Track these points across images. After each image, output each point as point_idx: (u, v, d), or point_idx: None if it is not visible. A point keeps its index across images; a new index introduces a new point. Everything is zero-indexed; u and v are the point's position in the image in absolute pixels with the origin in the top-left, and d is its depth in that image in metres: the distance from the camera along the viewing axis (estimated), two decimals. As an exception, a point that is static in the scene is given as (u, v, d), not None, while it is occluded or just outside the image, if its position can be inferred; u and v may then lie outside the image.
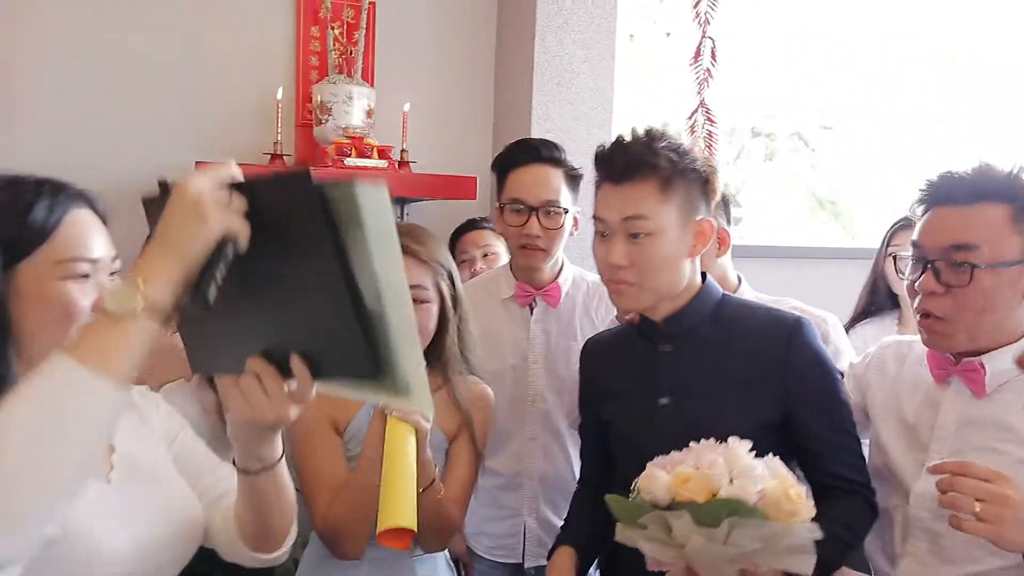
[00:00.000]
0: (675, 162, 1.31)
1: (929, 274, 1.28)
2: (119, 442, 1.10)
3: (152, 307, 0.80)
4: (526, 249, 1.84)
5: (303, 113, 2.37)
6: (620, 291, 1.36)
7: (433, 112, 2.53)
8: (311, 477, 1.49)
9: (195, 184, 0.81)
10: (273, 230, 0.83)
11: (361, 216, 0.77)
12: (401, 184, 2.10)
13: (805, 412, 1.34)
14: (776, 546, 1.09)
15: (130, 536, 1.01)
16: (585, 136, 2.44)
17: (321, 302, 0.82)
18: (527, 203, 1.81)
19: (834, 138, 4.26)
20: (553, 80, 2.40)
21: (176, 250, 0.81)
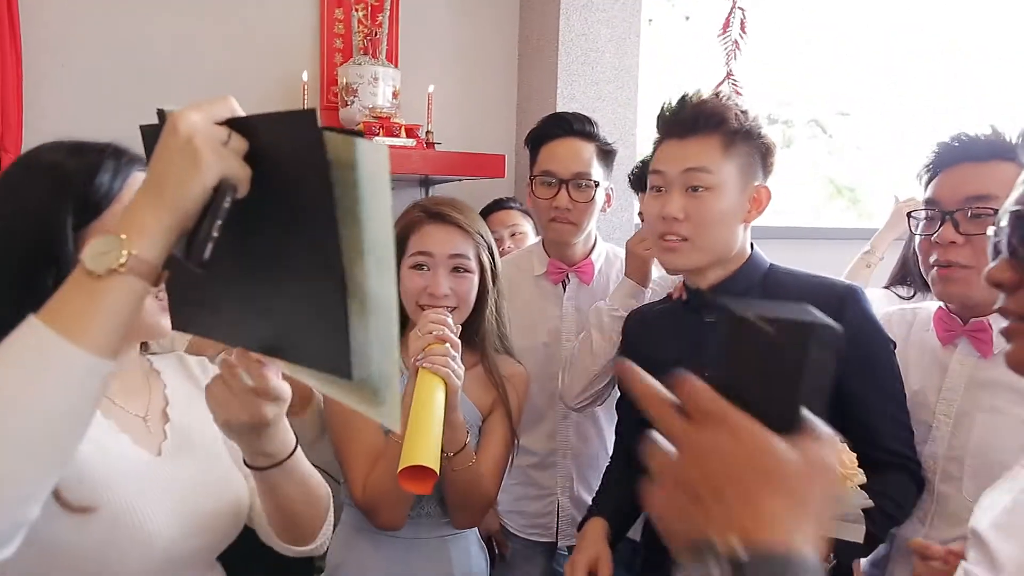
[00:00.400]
0: (742, 122, 1.31)
1: (948, 225, 1.31)
2: (174, 412, 1.09)
3: (138, 264, 0.69)
4: (556, 222, 1.82)
5: (328, 95, 2.37)
6: (672, 247, 1.34)
7: (457, 93, 2.52)
8: (348, 448, 1.49)
9: (187, 120, 0.69)
10: (274, 177, 0.72)
11: (357, 174, 0.67)
12: (429, 163, 2.09)
13: (857, 381, 1.31)
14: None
15: (175, 511, 0.99)
16: (611, 116, 2.43)
17: (313, 276, 0.73)
18: (557, 175, 1.80)
19: (852, 124, 4.24)
20: (579, 60, 2.39)
21: (167, 198, 0.69)
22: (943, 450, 1.37)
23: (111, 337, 0.70)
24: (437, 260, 1.45)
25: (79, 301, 0.69)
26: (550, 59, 2.41)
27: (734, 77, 1.98)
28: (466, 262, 1.47)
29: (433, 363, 1.29)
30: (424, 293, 1.44)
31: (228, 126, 0.72)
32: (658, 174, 1.36)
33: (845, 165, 4.30)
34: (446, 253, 1.46)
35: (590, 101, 2.41)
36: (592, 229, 1.90)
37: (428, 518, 1.53)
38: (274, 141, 0.71)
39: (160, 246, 0.70)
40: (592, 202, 1.82)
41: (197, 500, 1.03)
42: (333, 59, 2.37)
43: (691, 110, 1.33)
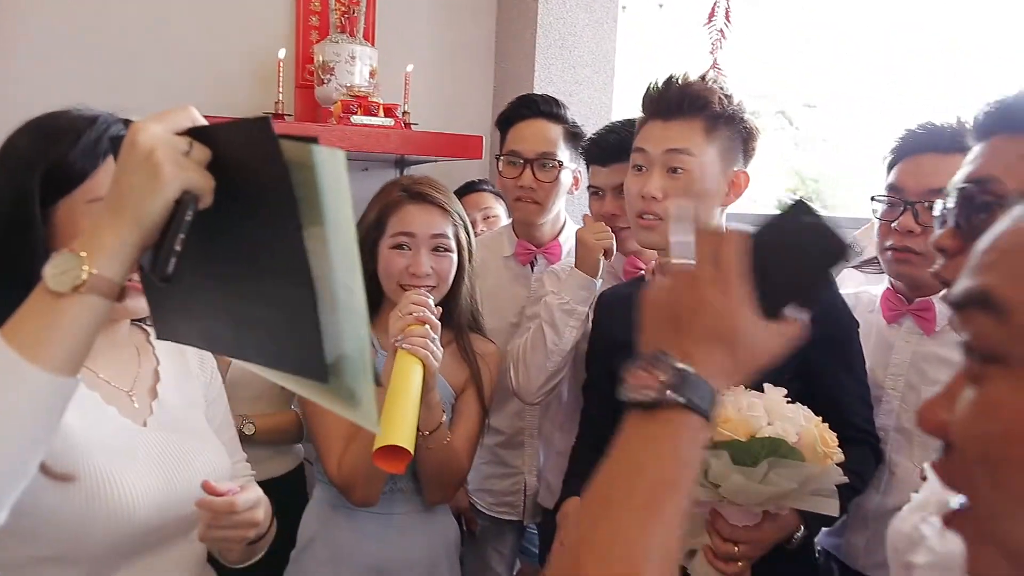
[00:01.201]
0: (725, 106, 1.34)
1: (908, 214, 1.38)
2: (163, 389, 1.10)
3: (99, 283, 0.69)
4: (520, 202, 1.85)
5: (303, 73, 2.35)
6: (650, 225, 1.38)
7: (435, 73, 2.52)
8: (322, 427, 1.50)
9: (146, 133, 0.68)
10: (237, 184, 0.71)
11: (317, 179, 0.66)
12: (407, 143, 2.10)
13: (824, 360, 1.35)
14: (807, 487, 1.12)
15: (156, 483, 1.00)
16: (587, 100, 2.45)
17: (282, 281, 0.72)
18: (522, 155, 1.83)
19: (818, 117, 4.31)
20: (556, 43, 2.40)
21: (128, 215, 0.68)
22: (893, 422, 1.46)
23: (72, 355, 0.70)
24: (419, 240, 1.47)
25: (39, 319, 0.69)
26: (527, 42, 2.42)
27: (719, 67, 2.01)
28: (446, 241, 1.49)
29: (413, 344, 1.31)
30: (405, 273, 1.46)
31: (189, 136, 0.71)
32: (640, 153, 1.39)
33: (811, 157, 4.37)
34: (428, 233, 1.47)
35: (567, 85, 2.43)
36: (560, 211, 1.93)
37: (402, 494, 1.56)
38: (234, 149, 0.71)
39: (121, 263, 0.70)
40: (556, 182, 1.84)
41: (179, 473, 1.04)
42: (309, 37, 2.35)
43: (676, 92, 1.35)
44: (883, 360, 1.49)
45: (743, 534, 1.19)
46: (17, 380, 0.68)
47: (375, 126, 2.06)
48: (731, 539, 1.20)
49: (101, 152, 0.96)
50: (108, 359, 1.06)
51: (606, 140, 1.72)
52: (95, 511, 0.93)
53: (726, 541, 1.20)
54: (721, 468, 1.11)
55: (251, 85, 2.27)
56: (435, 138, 2.15)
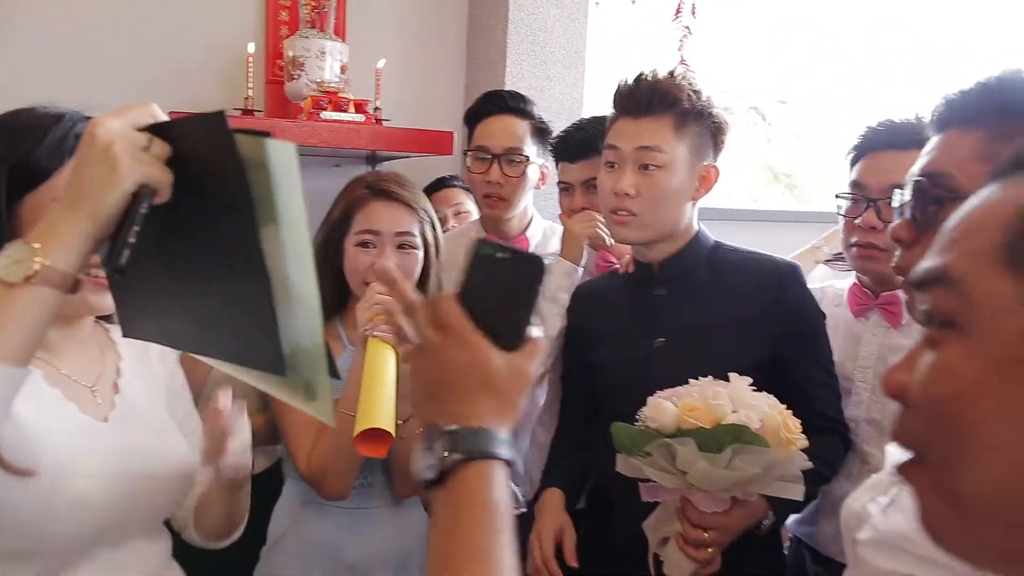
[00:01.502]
0: (694, 102, 1.37)
1: (871, 211, 1.41)
2: (124, 384, 1.10)
3: (51, 274, 0.69)
4: (488, 198, 1.86)
5: (273, 69, 2.34)
6: (623, 221, 1.40)
7: (406, 69, 2.51)
8: (291, 421, 1.50)
9: (105, 127, 0.69)
10: (193, 179, 0.72)
11: (270, 172, 0.68)
12: (378, 139, 2.09)
13: (794, 353, 1.41)
14: (773, 472, 1.16)
15: (116, 477, 1.01)
16: (558, 96, 2.46)
17: (239, 276, 0.73)
18: (490, 150, 1.84)
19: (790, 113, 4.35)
20: (527, 39, 2.41)
21: (84, 207, 0.69)
22: (863, 414, 1.49)
23: (22, 345, 0.70)
24: (384, 238, 1.47)
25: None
26: (499, 38, 2.42)
27: (687, 62, 2.03)
28: (412, 239, 1.49)
29: (384, 332, 1.31)
30: (371, 271, 1.46)
31: (150, 132, 0.72)
32: (612, 150, 1.41)
33: (783, 152, 4.42)
34: (393, 231, 1.47)
35: (538, 80, 2.43)
36: (528, 205, 1.94)
37: (372, 488, 1.56)
38: (192, 144, 0.72)
39: (75, 255, 0.70)
40: (523, 177, 1.85)
41: (141, 467, 1.04)
42: (279, 31, 2.33)
43: (646, 89, 1.38)
44: (851, 353, 1.52)
45: (712, 520, 1.23)
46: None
47: (345, 122, 2.06)
48: (701, 525, 1.23)
49: (67, 150, 0.96)
50: (72, 355, 1.06)
51: (574, 137, 1.75)
52: (54, 505, 0.94)
53: (696, 528, 1.23)
54: (688, 455, 1.14)
55: (220, 81, 2.26)
56: (406, 134, 2.15)
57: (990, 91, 0.83)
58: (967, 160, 0.82)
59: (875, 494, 0.92)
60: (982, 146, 0.81)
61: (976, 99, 0.84)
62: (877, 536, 0.86)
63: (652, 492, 1.27)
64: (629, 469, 1.24)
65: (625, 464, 1.24)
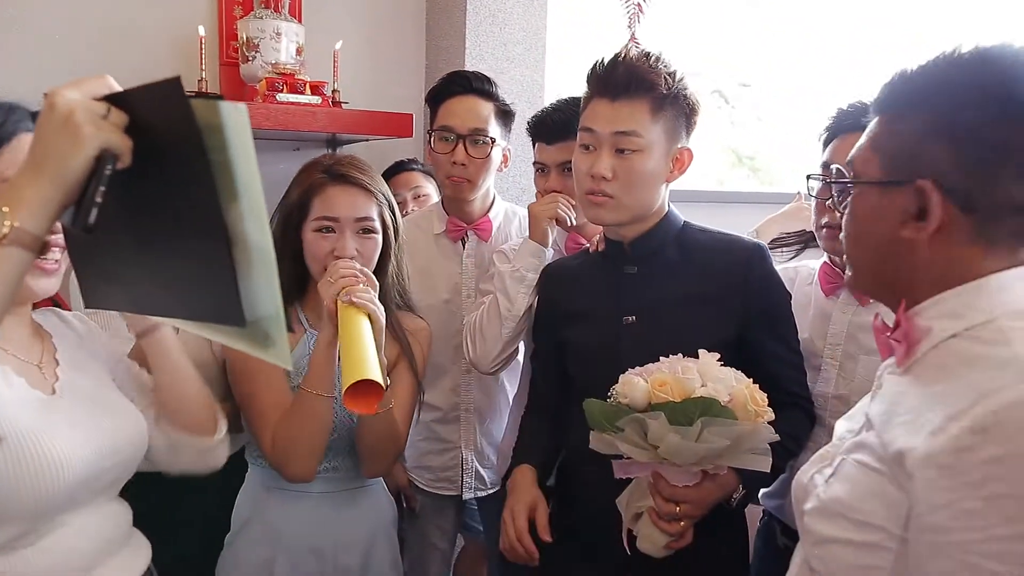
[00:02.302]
0: (671, 86, 1.36)
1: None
2: (62, 358, 1.13)
3: (21, 236, 0.73)
4: (452, 179, 1.85)
5: (228, 51, 2.29)
6: (599, 203, 1.41)
7: (364, 51, 2.48)
8: (254, 404, 1.49)
9: (64, 97, 0.73)
10: (151, 146, 0.76)
11: (225, 135, 0.71)
12: (335, 122, 2.06)
13: (760, 331, 1.43)
14: (741, 445, 1.18)
15: (78, 438, 1.04)
16: (519, 78, 2.45)
17: (197, 234, 0.77)
18: (455, 131, 1.83)
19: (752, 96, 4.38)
20: (487, 20, 2.39)
21: (48, 172, 0.73)
22: (831, 389, 1.52)
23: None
24: (343, 224, 1.46)
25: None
26: (458, 18, 2.40)
27: (637, 41, 2.03)
28: (371, 223, 1.48)
29: (360, 298, 1.31)
30: (331, 256, 1.44)
31: (106, 101, 0.75)
32: (588, 132, 1.41)
33: (746, 135, 4.45)
34: (352, 216, 1.46)
35: (498, 62, 2.42)
36: (490, 187, 1.93)
37: (336, 472, 1.55)
38: (149, 112, 0.75)
39: (43, 218, 0.74)
40: (488, 159, 1.85)
41: (97, 427, 1.08)
42: (232, 12, 2.28)
43: (623, 72, 1.36)
44: (821, 330, 1.55)
45: (683, 494, 1.25)
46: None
47: (301, 104, 2.03)
48: (673, 499, 1.25)
49: (4, 136, 1.00)
50: (17, 336, 1.09)
51: (552, 118, 1.73)
52: (24, 469, 0.96)
53: (668, 502, 1.25)
54: (659, 429, 1.16)
55: (173, 63, 2.21)
56: (364, 116, 2.13)
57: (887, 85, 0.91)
58: (863, 144, 0.93)
59: (822, 466, 0.95)
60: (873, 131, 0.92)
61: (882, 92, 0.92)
62: (820, 505, 0.89)
63: (624, 468, 1.28)
64: (602, 446, 1.25)
65: (598, 441, 1.25)
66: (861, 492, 0.84)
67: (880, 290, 0.95)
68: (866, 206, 0.92)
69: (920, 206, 0.86)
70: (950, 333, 0.85)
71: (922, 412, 0.80)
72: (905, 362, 0.89)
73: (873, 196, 0.90)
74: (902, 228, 0.87)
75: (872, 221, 0.91)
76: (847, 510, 0.84)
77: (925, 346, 0.87)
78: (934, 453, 0.76)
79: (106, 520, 1.12)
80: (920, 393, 0.83)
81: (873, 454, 0.84)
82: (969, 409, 0.75)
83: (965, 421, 0.75)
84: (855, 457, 0.87)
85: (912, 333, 0.88)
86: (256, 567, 1.53)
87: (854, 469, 0.87)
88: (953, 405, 0.77)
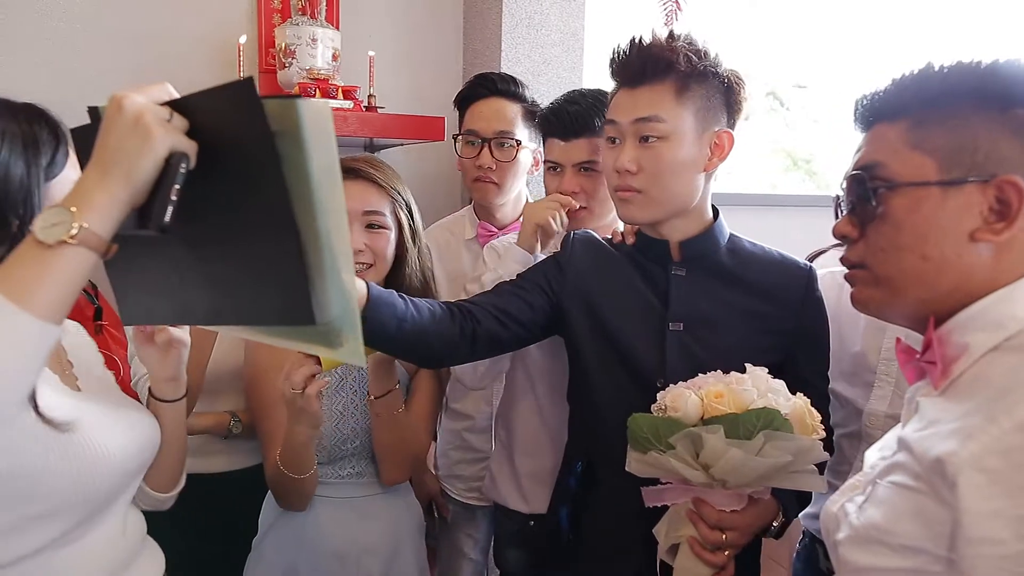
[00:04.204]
0: (694, 64, 1.24)
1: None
2: (73, 359, 1.12)
3: (88, 237, 0.74)
4: (478, 182, 1.81)
5: (266, 58, 2.32)
6: (627, 198, 1.30)
7: (400, 56, 2.48)
8: (264, 423, 1.50)
9: (131, 99, 0.75)
10: (217, 150, 0.76)
11: (302, 134, 0.71)
12: (366, 126, 2.06)
13: (802, 356, 1.34)
14: (801, 461, 1.10)
15: (119, 432, 1.05)
16: (556, 80, 2.40)
17: (265, 236, 0.76)
18: (480, 134, 1.80)
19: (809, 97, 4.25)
20: (523, 22, 2.36)
21: (119, 173, 0.74)
22: (885, 408, 1.42)
23: (58, 304, 0.74)
24: (351, 216, 1.45)
25: (29, 269, 0.73)
26: (493, 21, 2.37)
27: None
28: (381, 218, 1.47)
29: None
30: None
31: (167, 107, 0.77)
32: (611, 124, 1.31)
33: (802, 137, 4.32)
34: (359, 209, 1.45)
35: (535, 65, 2.38)
36: (521, 191, 1.89)
37: (361, 477, 1.55)
38: (214, 115, 0.76)
39: (110, 220, 0.75)
40: (515, 161, 1.80)
41: (127, 419, 1.09)
42: (271, 20, 2.31)
43: (638, 56, 1.26)
44: (875, 344, 1.44)
45: (730, 520, 1.15)
46: (6, 324, 0.71)
47: (335, 109, 2.03)
48: (719, 526, 1.15)
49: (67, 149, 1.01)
50: None
51: (565, 111, 1.55)
52: (84, 459, 0.97)
53: (713, 529, 1.15)
54: (717, 444, 1.07)
55: (213, 71, 2.24)
56: (394, 120, 2.12)
57: (907, 85, 0.88)
58: (897, 148, 0.86)
59: (852, 494, 0.89)
60: (908, 133, 0.86)
61: (896, 94, 0.89)
62: (853, 533, 0.83)
63: (657, 496, 1.20)
64: (643, 467, 1.15)
65: (640, 463, 1.15)
66: (898, 514, 0.78)
67: (922, 308, 0.87)
68: (922, 212, 0.84)
69: (990, 206, 0.80)
70: (990, 346, 0.79)
71: (965, 420, 0.74)
72: (942, 383, 0.82)
73: (932, 199, 0.83)
74: (977, 231, 0.81)
75: (930, 227, 0.83)
76: (884, 535, 0.78)
77: (963, 364, 0.80)
78: (978, 455, 0.70)
79: (130, 523, 1.12)
80: (962, 408, 0.77)
81: (908, 472, 0.78)
82: (1015, 406, 0.69)
83: (1013, 417, 0.69)
84: (889, 479, 0.81)
85: (948, 353, 0.82)
86: (281, 571, 1.53)
87: (889, 491, 0.80)
88: (997, 407, 0.71)
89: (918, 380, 0.89)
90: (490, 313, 1.28)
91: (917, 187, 0.84)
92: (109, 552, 1.05)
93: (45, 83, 2.09)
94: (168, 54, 2.21)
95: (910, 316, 0.89)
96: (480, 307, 1.29)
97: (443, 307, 1.26)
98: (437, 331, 1.21)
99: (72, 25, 2.13)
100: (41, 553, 0.95)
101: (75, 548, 1.00)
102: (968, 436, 0.71)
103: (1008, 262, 0.81)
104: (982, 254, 0.81)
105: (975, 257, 0.81)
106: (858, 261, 0.91)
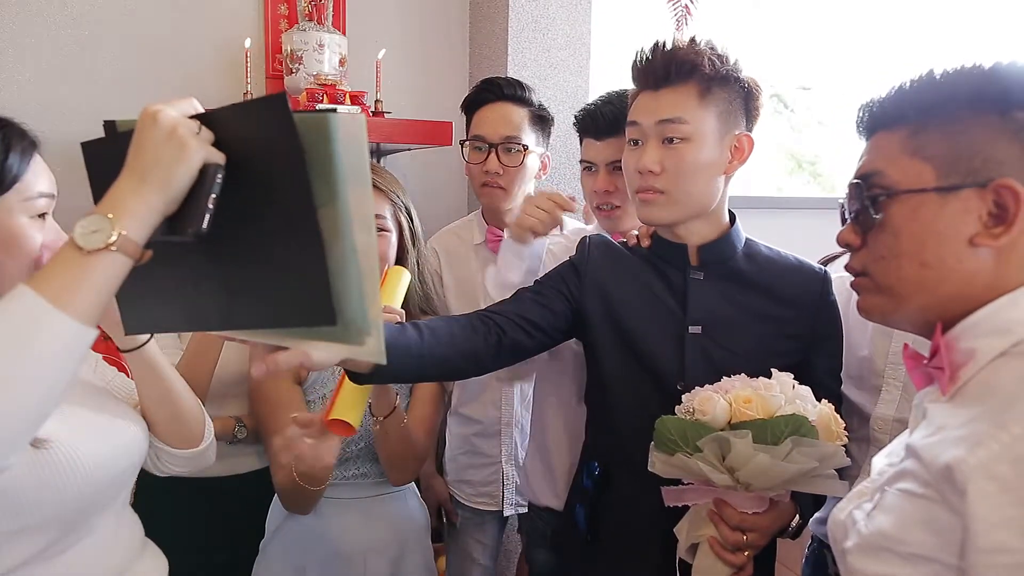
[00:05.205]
0: (717, 67, 1.25)
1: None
2: None
3: (126, 243, 0.77)
4: (486, 187, 1.81)
5: (273, 64, 2.32)
6: (649, 200, 1.29)
7: (408, 61, 2.48)
8: (271, 430, 1.49)
9: (164, 112, 0.78)
10: (243, 161, 0.79)
11: (333, 146, 0.73)
12: (374, 131, 2.06)
13: (817, 361, 1.35)
14: (826, 466, 1.11)
15: (99, 441, 1.05)
16: (563, 84, 2.40)
17: (287, 241, 0.78)
18: (487, 139, 1.79)
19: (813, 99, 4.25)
20: (529, 26, 2.36)
21: (155, 183, 0.77)
22: (893, 412, 1.41)
23: (94, 308, 0.77)
24: None
25: (68, 273, 0.76)
26: (500, 25, 2.37)
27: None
28: (382, 221, 1.49)
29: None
30: None
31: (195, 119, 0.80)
32: (634, 126, 1.31)
33: (807, 139, 4.32)
34: None
35: (541, 68, 2.38)
36: (529, 195, 1.88)
37: (365, 478, 1.55)
38: (243, 128, 0.79)
39: (146, 227, 0.78)
40: (522, 167, 1.79)
41: (110, 426, 1.09)
42: (278, 26, 2.31)
43: (662, 59, 1.27)
44: (883, 348, 1.44)
45: (751, 521, 1.17)
46: (46, 325, 0.74)
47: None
48: (739, 527, 1.17)
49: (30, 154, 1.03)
50: None
51: (602, 111, 1.57)
52: (57, 472, 0.97)
53: (734, 530, 1.17)
54: (744, 448, 1.09)
55: (220, 77, 2.24)
56: (401, 125, 2.11)
57: (906, 93, 0.88)
58: (895, 156, 0.86)
59: (860, 501, 0.88)
60: (906, 141, 0.86)
61: (895, 102, 0.89)
62: (862, 541, 0.82)
63: (677, 496, 1.21)
64: (668, 468, 1.16)
65: (665, 463, 1.16)
66: (907, 522, 0.77)
67: (926, 315, 0.86)
68: (919, 218, 0.84)
69: (989, 211, 0.80)
70: (998, 352, 0.78)
71: (973, 426, 0.74)
72: (950, 388, 0.82)
73: (930, 206, 0.83)
74: (976, 236, 0.80)
75: (928, 233, 0.83)
76: (893, 543, 0.77)
77: (971, 370, 0.80)
78: (987, 462, 0.69)
79: (123, 529, 1.12)
80: (970, 414, 0.76)
81: (917, 479, 0.77)
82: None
83: (1022, 424, 0.68)
84: (898, 487, 0.80)
85: (956, 358, 0.81)
86: (289, 573, 1.53)
87: (897, 499, 0.80)
88: (1006, 414, 0.71)
89: (926, 386, 0.88)
90: (514, 322, 1.29)
91: (915, 194, 0.84)
92: (103, 559, 1.05)
93: (53, 90, 2.10)
94: (175, 60, 2.21)
95: (915, 323, 0.89)
96: (504, 316, 1.30)
97: (465, 321, 1.26)
98: (459, 351, 1.22)
99: (79, 32, 2.13)
100: (28, 565, 0.96)
101: (65, 558, 1.00)
102: (977, 443, 0.71)
103: (1010, 267, 0.80)
104: (983, 259, 0.81)
105: (976, 263, 0.81)
106: (861, 269, 0.92)
